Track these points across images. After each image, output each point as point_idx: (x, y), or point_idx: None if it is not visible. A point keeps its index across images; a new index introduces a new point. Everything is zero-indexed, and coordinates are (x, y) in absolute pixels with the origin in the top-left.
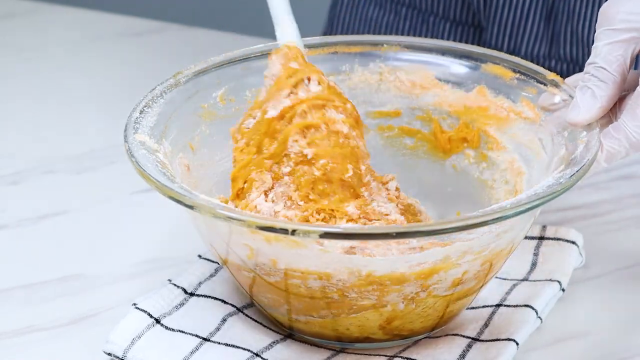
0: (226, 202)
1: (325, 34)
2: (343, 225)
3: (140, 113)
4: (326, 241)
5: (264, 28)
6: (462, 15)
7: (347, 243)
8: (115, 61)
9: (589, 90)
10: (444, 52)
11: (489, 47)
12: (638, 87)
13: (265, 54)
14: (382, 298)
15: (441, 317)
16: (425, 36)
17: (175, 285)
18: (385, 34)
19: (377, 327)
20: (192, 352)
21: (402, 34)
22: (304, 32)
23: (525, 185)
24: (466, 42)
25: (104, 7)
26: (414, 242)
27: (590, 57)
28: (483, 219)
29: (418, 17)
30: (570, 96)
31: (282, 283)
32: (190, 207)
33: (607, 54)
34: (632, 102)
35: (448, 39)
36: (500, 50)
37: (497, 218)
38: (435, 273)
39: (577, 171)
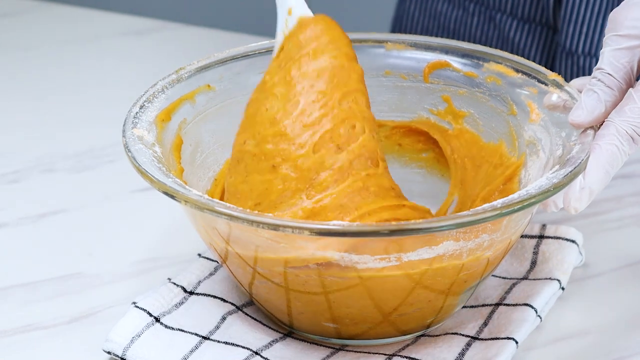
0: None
1: (393, 28)
2: (334, 222)
3: (140, 108)
4: (323, 239)
5: (266, 27)
6: (532, 13)
7: (341, 240)
8: (116, 60)
9: (594, 94)
10: (447, 50)
11: (563, 48)
12: (630, 89)
13: (268, 51)
14: (377, 294)
15: (438, 314)
16: (493, 34)
17: (174, 283)
18: (453, 28)
19: (376, 322)
20: (191, 351)
21: (470, 30)
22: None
23: (523, 184)
24: (538, 42)
25: (105, 5)
26: (407, 240)
27: (598, 63)
28: (474, 218)
29: (485, 13)
30: (571, 96)
31: (281, 279)
32: (184, 202)
33: (613, 60)
34: (621, 102)
35: (515, 38)
36: (576, 53)
37: (488, 217)
38: (428, 271)
39: (570, 172)
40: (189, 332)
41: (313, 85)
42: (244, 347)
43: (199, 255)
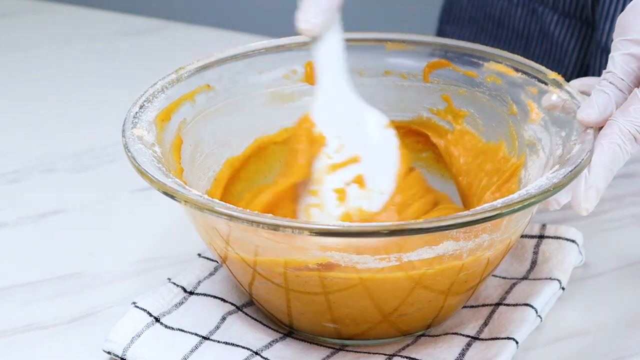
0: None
1: (442, 16)
2: (335, 222)
3: (140, 108)
4: (322, 239)
5: (266, 27)
6: (572, 8)
7: (341, 240)
8: (115, 60)
9: (606, 95)
10: (447, 50)
11: (599, 44)
12: (635, 89)
13: (267, 51)
14: (377, 294)
15: (438, 314)
16: (535, 27)
17: (174, 283)
18: (498, 18)
19: (376, 322)
20: (191, 351)
21: (514, 21)
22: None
23: (522, 184)
24: (577, 38)
25: (104, 5)
26: (407, 239)
27: (607, 67)
28: (474, 218)
29: (529, 5)
30: (571, 96)
31: (282, 280)
32: (184, 202)
33: (624, 64)
34: (626, 102)
35: (554, 31)
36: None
37: (488, 217)
38: (428, 271)
39: (570, 171)
40: (189, 332)
41: None
42: (244, 347)
43: (199, 255)
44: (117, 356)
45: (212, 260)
